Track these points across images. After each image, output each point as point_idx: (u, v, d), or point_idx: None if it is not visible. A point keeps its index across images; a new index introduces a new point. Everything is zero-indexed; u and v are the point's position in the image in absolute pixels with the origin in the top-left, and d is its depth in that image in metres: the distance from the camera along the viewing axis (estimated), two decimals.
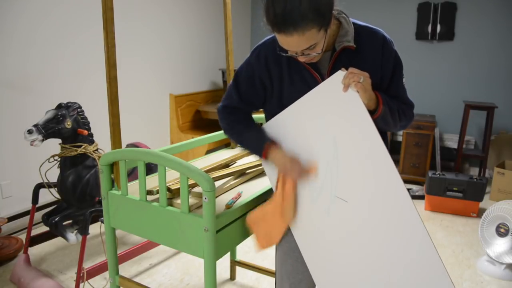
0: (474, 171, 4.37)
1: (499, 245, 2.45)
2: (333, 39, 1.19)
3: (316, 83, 1.20)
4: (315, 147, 1.21)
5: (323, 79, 1.19)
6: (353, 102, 1.11)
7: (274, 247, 1.41)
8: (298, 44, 1.06)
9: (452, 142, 4.32)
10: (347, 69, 1.12)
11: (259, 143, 1.28)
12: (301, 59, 1.14)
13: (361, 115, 1.11)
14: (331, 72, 1.17)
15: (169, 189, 1.39)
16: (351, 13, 1.21)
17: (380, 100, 1.15)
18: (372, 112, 1.14)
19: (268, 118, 1.34)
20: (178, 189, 1.39)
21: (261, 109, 1.41)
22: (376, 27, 1.23)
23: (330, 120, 1.17)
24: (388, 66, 1.21)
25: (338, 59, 1.19)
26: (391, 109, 1.18)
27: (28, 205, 2.39)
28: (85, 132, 2.13)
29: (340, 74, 1.12)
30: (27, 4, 2.75)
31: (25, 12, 2.75)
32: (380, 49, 1.19)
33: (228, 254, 2.36)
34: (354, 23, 1.20)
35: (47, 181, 2.20)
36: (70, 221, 2.21)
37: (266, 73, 1.26)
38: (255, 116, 2.19)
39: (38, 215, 2.38)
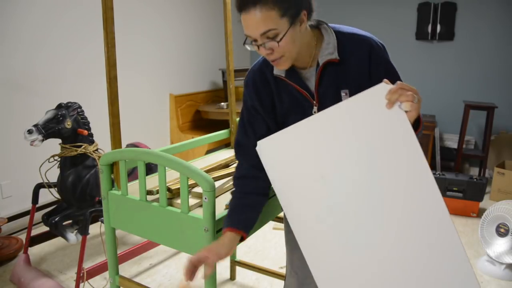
0: (474, 171, 4.37)
1: (499, 245, 2.45)
2: (315, 52, 1.15)
3: (305, 100, 1.17)
4: (338, 164, 1.06)
5: (311, 96, 1.16)
6: (398, 121, 0.96)
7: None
8: (256, 23, 1.02)
9: (452, 142, 4.32)
10: (332, 80, 1.08)
11: (225, 220, 1.19)
12: (262, 52, 1.08)
13: (406, 136, 0.98)
14: (319, 87, 1.15)
15: (169, 189, 1.39)
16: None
17: (420, 117, 1.05)
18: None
19: None
20: (178, 189, 1.39)
21: None
22: (364, 32, 1.17)
23: (363, 137, 1.02)
24: (378, 72, 1.13)
25: (323, 73, 1.14)
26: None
27: (28, 205, 2.39)
28: (85, 132, 2.13)
29: (383, 87, 0.95)
30: (27, 5, 2.75)
31: (26, 13, 2.75)
32: (367, 57, 1.12)
33: None
34: (338, 32, 1.15)
35: (47, 181, 2.20)
36: (70, 221, 2.21)
37: (257, 100, 1.22)
38: None
39: (38, 215, 2.38)
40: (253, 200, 1.22)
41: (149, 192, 1.42)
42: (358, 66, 1.13)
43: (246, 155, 1.24)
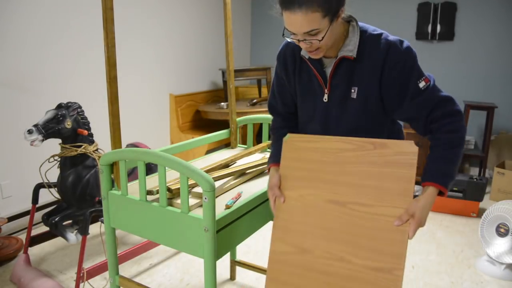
0: (474, 171, 4.37)
1: (499, 245, 2.45)
2: (339, 45, 1.20)
3: (319, 85, 1.27)
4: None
5: (325, 83, 1.25)
6: None
7: None
8: (301, 24, 1.07)
9: None
10: (345, 75, 1.21)
11: (269, 159, 1.44)
12: (302, 45, 1.15)
13: None
14: (332, 78, 1.23)
15: (169, 189, 1.39)
16: (350, 13, 1.21)
17: (438, 186, 1.16)
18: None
19: (299, 114, 1.41)
20: (178, 189, 1.39)
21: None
22: (393, 37, 1.20)
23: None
24: (390, 76, 1.16)
25: (339, 66, 1.22)
26: (450, 167, 1.17)
27: (28, 205, 2.39)
28: (85, 132, 2.13)
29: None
30: (28, 4, 2.75)
31: (25, 12, 2.75)
32: (382, 59, 1.16)
33: (228, 254, 2.36)
34: (364, 31, 1.20)
35: (47, 181, 2.20)
36: (70, 221, 2.21)
37: (284, 70, 1.35)
38: (257, 116, 2.19)
39: (38, 215, 2.38)
40: None
41: (149, 192, 1.42)
42: (372, 66, 1.18)
43: (277, 112, 1.47)
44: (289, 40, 1.18)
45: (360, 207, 1.16)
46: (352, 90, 1.21)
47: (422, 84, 1.18)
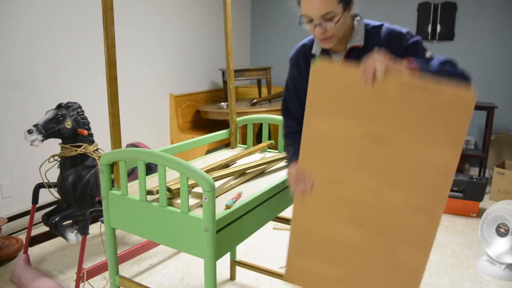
0: (474, 171, 4.37)
1: (499, 245, 2.45)
2: (346, 39, 1.29)
3: None
4: None
5: None
6: None
7: None
8: (319, 7, 1.16)
9: None
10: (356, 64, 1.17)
11: (291, 156, 1.46)
12: (318, 31, 1.21)
13: None
14: None
15: (169, 189, 1.39)
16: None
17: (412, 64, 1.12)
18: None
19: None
20: (178, 189, 1.39)
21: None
22: (393, 26, 1.29)
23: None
24: (399, 52, 1.24)
25: (349, 57, 1.30)
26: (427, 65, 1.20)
27: (28, 205, 2.39)
28: (85, 132, 2.13)
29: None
30: (29, 5, 2.75)
31: (26, 13, 2.75)
32: (388, 45, 1.25)
33: (228, 254, 2.36)
34: (367, 24, 1.30)
35: (47, 181, 2.20)
36: (70, 221, 2.21)
37: (298, 72, 1.44)
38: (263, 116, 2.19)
39: (38, 215, 2.38)
40: None
41: (149, 192, 1.42)
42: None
43: (292, 115, 1.51)
44: (303, 26, 1.25)
45: (398, 144, 1.03)
46: None
47: (428, 55, 1.29)
